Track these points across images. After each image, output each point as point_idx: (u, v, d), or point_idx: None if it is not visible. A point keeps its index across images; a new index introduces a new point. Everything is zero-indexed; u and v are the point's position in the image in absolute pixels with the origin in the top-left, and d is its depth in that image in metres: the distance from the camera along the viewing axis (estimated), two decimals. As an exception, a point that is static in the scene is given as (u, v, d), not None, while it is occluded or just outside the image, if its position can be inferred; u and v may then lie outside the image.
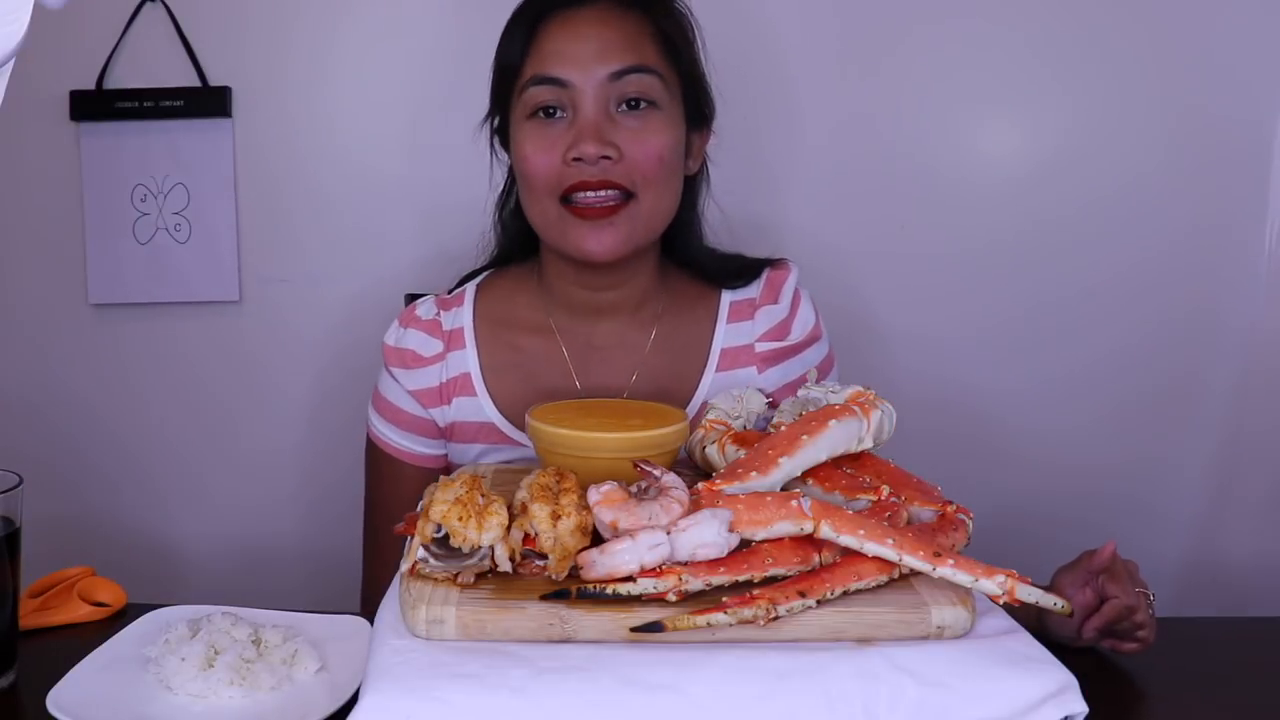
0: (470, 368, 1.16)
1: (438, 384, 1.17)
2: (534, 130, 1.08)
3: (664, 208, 1.10)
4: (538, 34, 1.08)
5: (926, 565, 0.69)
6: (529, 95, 1.07)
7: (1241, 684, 0.94)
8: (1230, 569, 1.69)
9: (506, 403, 1.15)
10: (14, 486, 0.89)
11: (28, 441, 1.67)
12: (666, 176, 1.08)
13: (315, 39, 1.61)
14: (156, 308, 1.67)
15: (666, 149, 1.07)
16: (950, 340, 1.66)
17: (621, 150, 1.05)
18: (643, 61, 1.06)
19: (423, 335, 1.18)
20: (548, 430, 0.87)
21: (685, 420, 0.90)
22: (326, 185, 1.64)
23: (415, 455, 1.19)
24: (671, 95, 1.09)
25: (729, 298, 1.19)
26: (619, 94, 1.06)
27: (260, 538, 1.72)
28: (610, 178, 1.05)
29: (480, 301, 1.20)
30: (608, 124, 1.05)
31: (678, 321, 1.18)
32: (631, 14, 1.08)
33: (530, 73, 1.07)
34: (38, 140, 1.62)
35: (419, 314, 1.19)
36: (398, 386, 1.18)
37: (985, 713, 0.64)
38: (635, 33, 1.07)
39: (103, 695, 0.83)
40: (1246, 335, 1.65)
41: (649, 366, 1.16)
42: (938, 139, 1.63)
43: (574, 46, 1.06)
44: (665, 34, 1.09)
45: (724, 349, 1.17)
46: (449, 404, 1.17)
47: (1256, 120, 1.60)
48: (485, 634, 0.67)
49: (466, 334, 1.17)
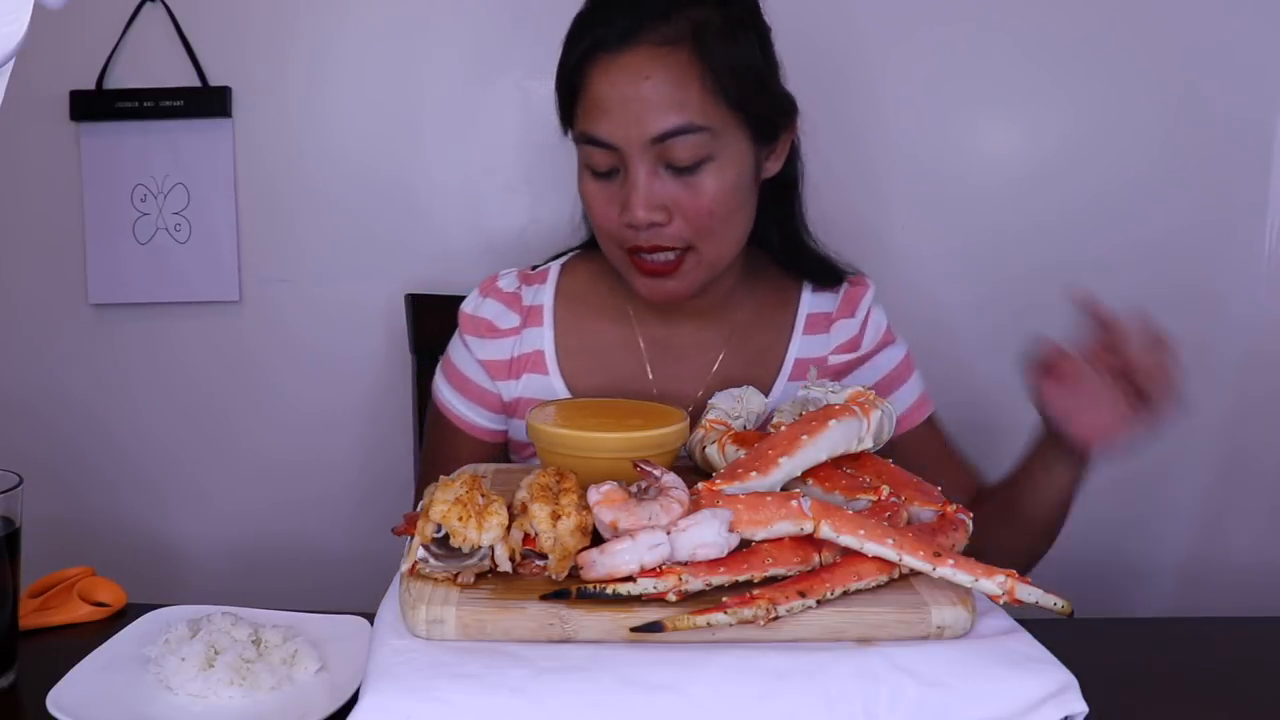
0: (545, 346, 1.16)
1: (509, 358, 1.17)
2: (594, 184, 1.06)
3: (729, 249, 1.09)
4: (586, 75, 1.03)
5: (926, 565, 0.69)
6: (584, 150, 1.05)
7: (1242, 684, 0.94)
8: (1231, 567, 1.69)
9: (578, 384, 1.16)
10: (14, 486, 0.89)
11: (28, 442, 1.67)
12: (724, 221, 1.05)
13: (315, 39, 1.61)
14: (156, 308, 1.67)
15: (720, 200, 1.03)
16: (950, 337, 1.66)
17: (672, 211, 1.03)
18: (688, 121, 1.00)
19: (501, 307, 1.18)
20: (547, 430, 0.87)
21: (685, 420, 0.90)
22: (326, 185, 1.64)
23: (474, 427, 1.19)
24: (726, 137, 1.03)
25: (807, 308, 1.20)
26: (666, 157, 1.01)
27: (260, 538, 1.72)
28: (662, 241, 1.04)
29: (563, 281, 1.20)
30: (657, 185, 1.02)
31: (756, 327, 1.19)
32: (678, 53, 1.00)
33: (581, 125, 1.04)
34: (38, 140, 1.62)
35: (500, 285, 1.19)
36: (468, 355, 1.18)
37: (985, 713, 0.64)
38: (680, 79, 1.00)
39: (103, 695, 0.83)
40: (1248, 332, 1.65)
41: (723, 368, 1.17)
42: (937, 138, 1.63)
43: (616, 105, 1.00)
44: (714, 70, 1.00)
45: (798, 359, 1.18)
46: (517, 379, 1.16)
47: (1257, 116, 1.60)
48: (485, 634, 0.67)
49: (545, 312, 1.17)
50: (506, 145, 1.64)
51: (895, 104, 1.62)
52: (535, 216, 1.64)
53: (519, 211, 1.65)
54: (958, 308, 1.66)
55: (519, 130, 1.63)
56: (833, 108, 1.61)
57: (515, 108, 1.62)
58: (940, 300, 1.65)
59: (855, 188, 1.62)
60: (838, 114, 1.61)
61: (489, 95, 1.62)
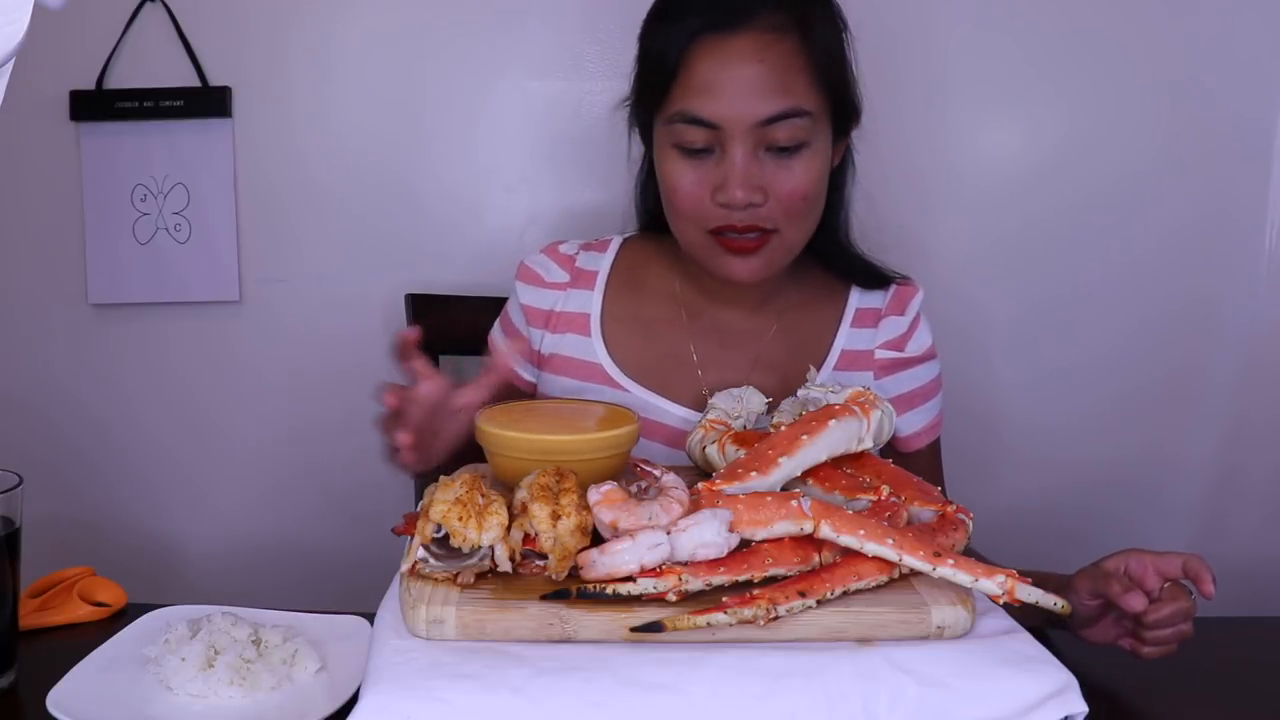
0: (592, 309, 1.20)
1: (549, 309, 1.21)
2: (682, 163, 1.07)
3: (806, 234, 1.11)
4: (690, 55, 1.04)
5: (926, 565, 0.69)
6: (678, 129, 1.06)
7: (1243, 683, 0.94)
8: (1232, 567, 1.68)
9: (620, 351, 1.18)
10: (14, 486, 0.89)
11: (28, 441, 1.67)
12: (812, 205, 1.09)
13: (315, 39, 1.61)
14: (156, 308, 1.67)
15: (813, 185, 1.07)
16: (950, 338, 1.65)
17: (768, 192, 1.05)
18: (795, 104, 1.03)
19: (553, 264, 1.23)
20: (495, 433, 0.84)
21: (636, 423, 0.87)
22: (326, 185, 1.64)
23: (510, 370, 1.21)
24: (821, 125, 1.07)
25: (856, 303, 1.21)
26: (768, 139, 1.04)
27: (261, 538, 1.72)
28: (756, 221, 1.06)
29: (623, 253, 1.24)
30: (755, 167, 1.04)
31: (803, 315, 1.20)
32: (786, 39, 1.04)
33: (679, 104, 1.05)
34: (38, 140, 1.62)
35: (561, 248, 1.24)
36: (515, 299, 1.24)
37: (985, 713, 0.64)
38: (788, 65, 1.03)
39: (103, 695, 0.83)
40: (1248, 329, 1.65)
41: (768, 354, 1.19)
42: (937, 138, 1.63)
43: (725, 84, 1.03)
44: (818, 60, 1.05)
45: (844, 350, 1.19)
46: (557, 334, 1.20)
47: (1257, 114, 1.60)
48: (485, 634, 0.67)
49: (600, 278, 1.21)
50: (506, 145, 1.64)
51: (893, 104, 1.62)
52: (535, 217, 1.64)
53: (519, 211, 1.65)
54: (958, 305, 1.65)
55: (519, 130, 1.63)
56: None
57: (515, 108, 1.62)
58: (935, 298, 1.65)
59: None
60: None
61: (489, 96, 1.62)
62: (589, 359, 1.18)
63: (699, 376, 1.18)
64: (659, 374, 1.17)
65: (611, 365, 1.17)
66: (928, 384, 1.22)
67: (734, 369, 1.17)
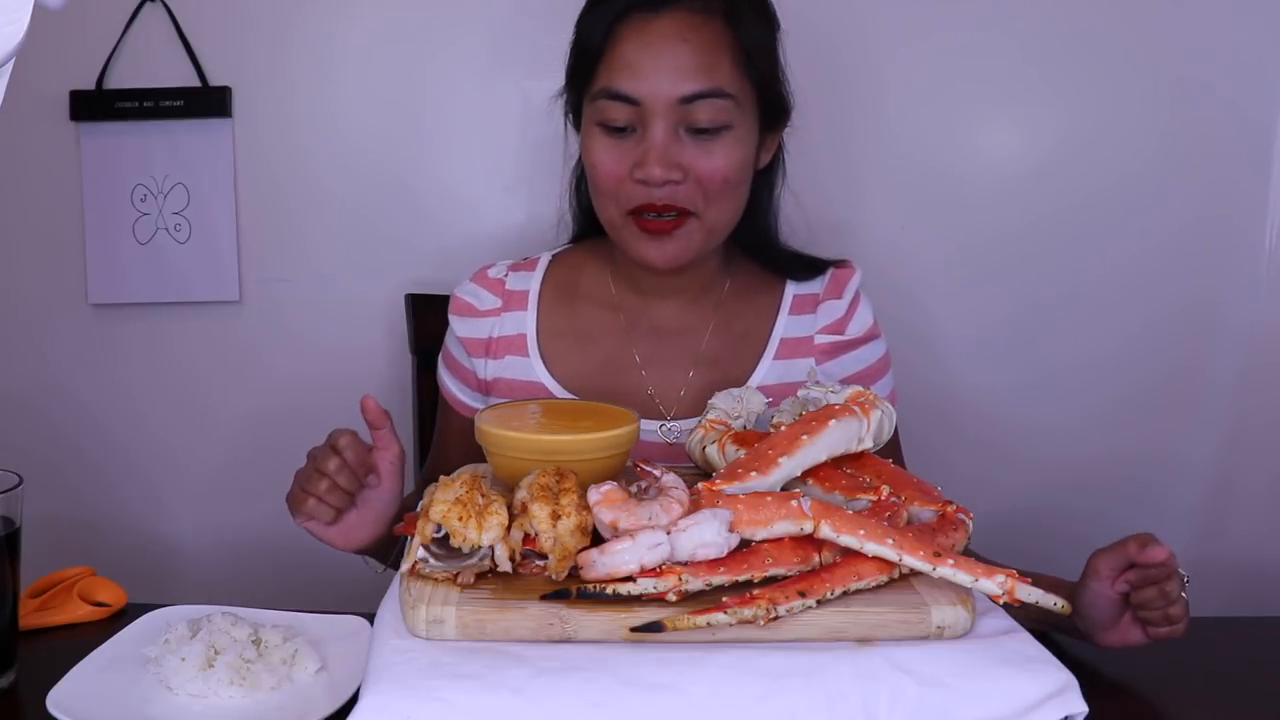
0: (527, 330, 1.20)
1: (485, 337, 1.21)
2: (603, 140, 1.08)
3: (726, 220, 1.12)
4: (615, 35, 1.06)
5: (926, 565, 0.69)
6: (600, 105, 1.07)
7: (1243, 683, 0.94)
8: (1232, 567, 1.69)
9: (560, 366, 1.19)
10: (14, 486, 0.89)
11: (28, 441, 1.67)
12: (731, 192, 1.09)
13: (315, 39, 1.61)
14: (156, 308, 1.67)
15: (733, 169, 1.07)
16: (950, 337, 1.66)
17: (687, 171, 1.06)
18: (716, 85, 1.04)
19: (483, 290, 1.23)
20: (495, 433, 0.84)
21: (636, 423, 0.87)
22: (326, 185, 1.64)
23: (458, 401, 1.25)
24: (744, 111, 1.08)
25: (792, 291, 1.22)
26: (689, 119, 1.05)
27: (260, 538, 1.72)
28: (675, 201, 1.06)
29: (552, 270, 1.24)
30: (675, 145, 1.06)
31: (741, 307, 1.21)
32: (711, 24, 1.05)
33: (603, 81, 1.07)
34: (38, 140, 1.62)
35: (488, 273, 1.25)
36: (451, 333, 1.25)
37: (985, 713, 0.64)
38: (711, 47, 1.05)
39: (103, 695, 0.83)
40: (1247, 329, 1.65)
41: (708, 348, 1.19)
42: (937, 138, 1.62)
43: (648, 62, 1.04)
44: (743, 46, 1.07)
45: (784, 338, 1.20)
46: (498, 359, 1.20)
47: (1257, 113, 1.60)
48: (485, 634, 0.67)
49: (531, 298, 1.22)
50: (506, 145, 1.64)
51: (891, 104, 1.62)
52: (535, 216, 1.64)
53: (519, 211, 1.65)
54: (958, 305, 1.65)
55: (519, 130, 1.63)
56: (833, 107, 1.61)
57: (515, 108, 1.62)
58: (935, 299, 1.65)
59: (855, 187, 1.62)
60: (837, 114, 1.61)
61: (489, 96, 1.62)
62: (529, 379, 1.19)
63: (643, 377, 1.19)
64: (601, 381, 1.18)
65: (552, 381, 1.18)
66: (874, 364, 1.22)
67: (676, 366, 1.19)
